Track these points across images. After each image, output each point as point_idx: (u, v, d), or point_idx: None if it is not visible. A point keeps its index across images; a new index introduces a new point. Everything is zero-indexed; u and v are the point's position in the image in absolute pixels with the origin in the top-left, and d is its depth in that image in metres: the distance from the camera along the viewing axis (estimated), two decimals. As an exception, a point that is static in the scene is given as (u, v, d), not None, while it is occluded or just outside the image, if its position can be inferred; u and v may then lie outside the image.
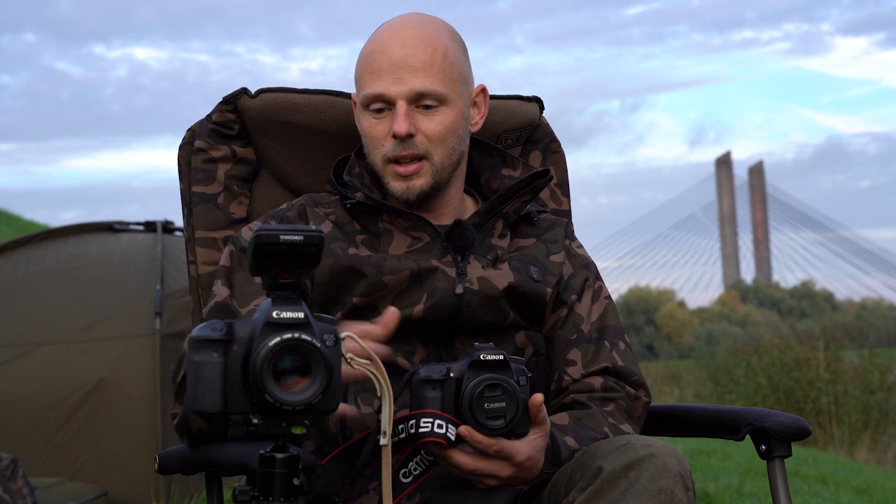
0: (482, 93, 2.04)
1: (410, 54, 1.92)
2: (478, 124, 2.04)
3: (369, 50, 1.97)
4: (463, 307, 1.92)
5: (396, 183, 1.94)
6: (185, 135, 2.22)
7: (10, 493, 4.52)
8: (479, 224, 1.99)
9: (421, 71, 1.92)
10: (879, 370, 13.28)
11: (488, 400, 1.67)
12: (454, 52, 1.97)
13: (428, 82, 1.92)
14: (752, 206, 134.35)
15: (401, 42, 1.94)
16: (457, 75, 1.97)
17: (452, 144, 1.96)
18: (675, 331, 60.39)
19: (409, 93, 1.91)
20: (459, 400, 1.68)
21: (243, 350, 1.38)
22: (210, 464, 1.84)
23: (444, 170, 1.95)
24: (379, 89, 1.92)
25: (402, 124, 1.91)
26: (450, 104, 1.94)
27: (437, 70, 1.93)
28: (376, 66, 1.93)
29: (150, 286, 5.42)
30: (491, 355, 1.70)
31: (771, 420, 1.92)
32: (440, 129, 1.93)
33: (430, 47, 1.94)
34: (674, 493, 1.65)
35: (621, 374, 1.98)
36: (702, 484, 6.20)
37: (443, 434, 1.67)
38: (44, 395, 5.25)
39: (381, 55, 1.94)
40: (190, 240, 2.17)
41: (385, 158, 1.94)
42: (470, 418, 1.67)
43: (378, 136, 1.94)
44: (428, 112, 1.93)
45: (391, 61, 1.92)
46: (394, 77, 1.92)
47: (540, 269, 2.00)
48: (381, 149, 1.94)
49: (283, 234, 1.36)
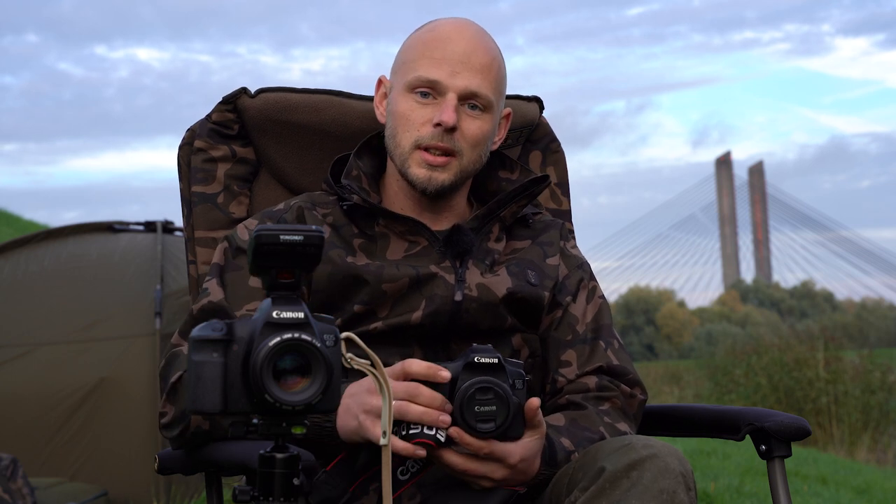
0: (506, 117, 2.06)
1: (474, 53, 1.94)
2: (496, 144, 2.05)
3: (430, 37, 1.96)
4: (461, 313, 1.92)
5: (420, 170, 1.94)
6: (185, 135, 2.21)
7: (10, 493, 4.52)
8: (476, 228, 1.99)
9: (479, 72, 1.93)
10: (880, 370, 13.28)
11: (479, 403, 1.67)
12: (504, 69, 2.00)
13: (483, 85, 1.93)
14: (752, 206, 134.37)
15: (466, 39, 1.94)
16: (502, 90, 1.99)
17: (481, 152, 1.97)
18: (675, 331, 60.40)
19: (464, 89, 1.92)
20: (451, 401, 1.69)
21: (243, 350, 1.38)
22: (210, 464, 1.84)
23: (466, 173, 1.96)
24: (435, 76, 1.92)
25: (452, 115, 1.91)
26: (491, 114, 1.96)
27: (493, 77, 1.95)
28: (438, 53, 1.93)
29: (150, 286, 5.42)
30: (485, 358, 1.69)
31: (771, 420, 1.92)
32: (478, 133, 1.94)
33: (489, 54, 1.96)
34: (676, 493, 1.65)
35: (616, 372, 1.98)
36: (702, 484, 6.20)
37: (432, 436, 1.68)
38: (44, 395, 5.25)
39: (444, 44, 1.94)
40: (190, 239, 2.17)
41: (416, 143, 1.93)
42: (460, 420, 1.67)
43: (416, 120, 1.93)
44: (473, 114, 1.94)
45: (455, 53, 1.93)
46: (453, 69, 1.92)
47: (537, 273, 2.00)
48: (414, 133, 1.93)
49: (283, 234, 1.36)
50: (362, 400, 1.70)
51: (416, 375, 1.69)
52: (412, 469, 1.77)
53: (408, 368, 1.70)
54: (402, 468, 1.77)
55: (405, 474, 1.78)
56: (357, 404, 1.70)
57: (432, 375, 1.69)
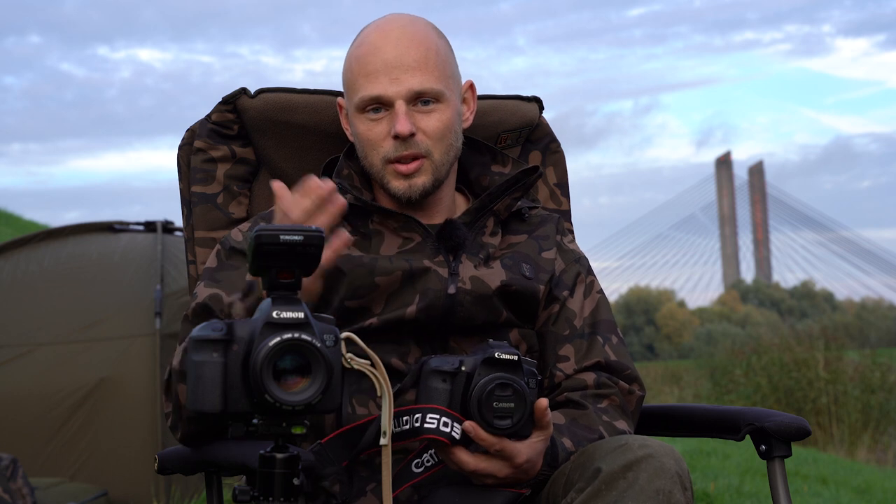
0: (470, 88, 2.04)
1: (404, 53, 1.92)
2: (468, 120, 2.04)
3: (360, 53, 1.95)
4: (456, 307, 1.92)
5: (398, 182, 1.93)
6: (185, 135, 2.22)
7: (10, 493, 4.52)
8: (470, 222, 1.99)
9: (416, 70, 1.91)
10: (881, 370, 13.28)
11: (498, 399, 1.67)
12: (444, 49, 1.97)
13: (424, 80, 1.91)
14: (752, 206, 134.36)
15: (392, 42, 1.92)
16: (449, 72, 1.96)
17: (451, 141, 1.95)
18: (675, 331, 60.36)
19: (408, 92, 1.91)
20: (468, 395, 1.69)
21: (243, 350, 1.38)
22: (210, 464, 1.84)
23: (443, 167, 1.95)
24: (376, 91, 1.91)
25: (405, 124, 1.90)
26: (446, 101, 1.94)
27: (432, 68, 1.93)
28: (371, 68, 1.92)
29: (150, 286, 5.42)
30: (506, 354, 1.69)
31: (771, 420, 1.92)
32: (439, 127, 1.93)
33: (422, 46, 1.93)
34: (672, 493, 1.65)
35: (614, 368, 1.98)
36: (702, 484, 6.20)
37: (447, 433, 1.68)
38: (44, 395, 5.25)
39: (373, 56, 1.92)
40: (189, 240, 2.17)
41: (385, 160, 1.93)
42: (477, 415, 1.67)
43: (376, 139, 1.93)
44: (426, 110, 1.93)
45: (385, 62, 1.91)
46: (390, 78, 1.91)
47: (532, 267, 2.00)
48: (379, 151, 1.93)
49: (283, 234, 1.36)
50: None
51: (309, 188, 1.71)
52: (427, 463, 1.77)
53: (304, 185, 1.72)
54: (418, 461, 1.77)
55: (419, 467, 1.77)
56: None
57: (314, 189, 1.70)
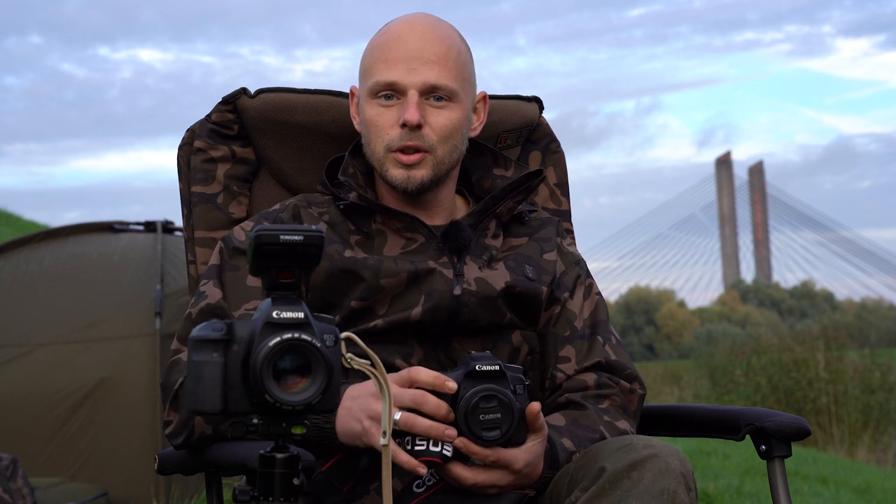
0: (483, 100, 2.05)
1: (427, 47, 1.93)
2: (476, 130, 2.05)
3: (383, 40, 1.96)
4: (461, 308, 1.92)
5: (397, 171, 1.93)
6: (185, 135, 2.21)
7: (10, 493, 4.52)
8: (473, 224, 1.99)
9: (436, 64, 1.92)
10: (881, 370, 13.28)
11: (483, 411, 1.66)
12: (465, 53, 1.99)
13: (442, 76, 1.92)
14: (752, 206, 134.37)
15: (417, 34, 1.94)
16: (466, 75, 1.98)
17: (455, 142, 1.96)
18: (675, 331, 60.37)
19: (423, 84, 1.92)
20: (455, 411, 1.68)
21: (243, 350, 1.38)
22: (210, 464, 1.84)
23: (443, 165, 1.95)
24: (392, 77, 1.92)
25: (414, 113, 1.90)
26: (458, 102, 1.95)
27: (452, 66, 1.94)
28: (391, 55, 1.93)
29: (150, 286, 5.42)
30: (486, 366, 1.69)
31: (771, 420, 1.92)
32: (447, 125, 1.93)
33: (445, 43, 1.95)
34: (676, 493, 1.65)
35: (614, 368, 1.98)
36: (702, 484, 6.20)
37: (438, 452, 1.67)
38: (44, 395, 5.25)
39: (396, 44, 1.93)
40: (189, 240, 2.17)
41: (388, 147, 1.93)
42: (465, 430, 1.67)
43: (383, 125, 1.93)
44: (438, 106, 1.93)
45: (407, 51, 1.92)
46: (408, 67, 1.92)
47: (535, 268, 2.00)
48: (384, 137, 1.93)
49: (283, 234, 1.36)
50: (367, 405, 1.69)
51: (423, 384, 1.68)
52: (428, 482, 1.76)
53: (415, 376, 1.69)
54: (419, 481, 1.76)
55: (420, 487, 1.76)
56: (361, 409, 1.70)
57: (439, 385, 1.68)
